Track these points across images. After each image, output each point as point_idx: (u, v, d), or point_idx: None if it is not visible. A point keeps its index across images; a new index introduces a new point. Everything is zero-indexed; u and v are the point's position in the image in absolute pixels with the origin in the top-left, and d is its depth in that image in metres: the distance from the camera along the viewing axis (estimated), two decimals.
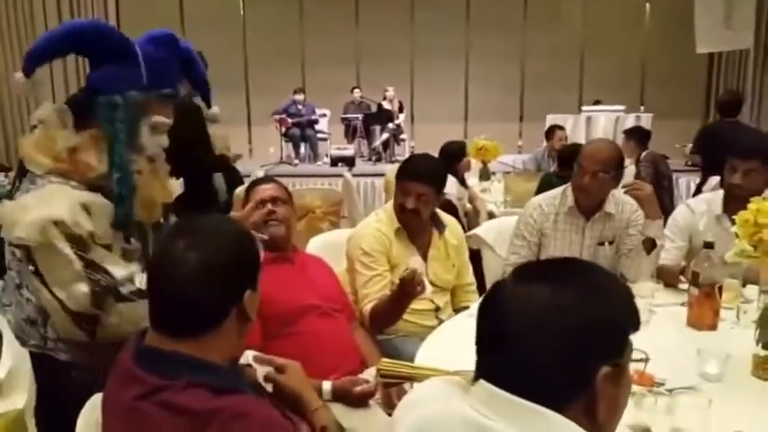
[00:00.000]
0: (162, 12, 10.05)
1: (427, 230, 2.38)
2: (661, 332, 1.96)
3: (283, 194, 2.11)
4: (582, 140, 8.00)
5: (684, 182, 6.71)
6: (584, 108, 8.40)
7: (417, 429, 0.84)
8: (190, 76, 1.74)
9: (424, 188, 2.25)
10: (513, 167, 6.86)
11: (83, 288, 1.41)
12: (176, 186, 1.89)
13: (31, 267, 1.45)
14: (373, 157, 8.63)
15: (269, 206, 2.04)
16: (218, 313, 1.05)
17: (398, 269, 2.25)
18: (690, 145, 5.73)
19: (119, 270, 1.46)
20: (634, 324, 0.85)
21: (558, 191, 2.54)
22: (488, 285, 2.66)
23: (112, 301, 1.45)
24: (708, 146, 5.18)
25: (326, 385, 1.75)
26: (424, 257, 2.32)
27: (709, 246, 2.00)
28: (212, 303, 1.04)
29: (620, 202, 2.47)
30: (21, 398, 1.58)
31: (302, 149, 8.73)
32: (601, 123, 7.84)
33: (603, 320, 0.81)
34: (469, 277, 2.53)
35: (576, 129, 7.77)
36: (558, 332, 0.78)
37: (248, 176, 5.41)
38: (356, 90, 9.38)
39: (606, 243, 2.46)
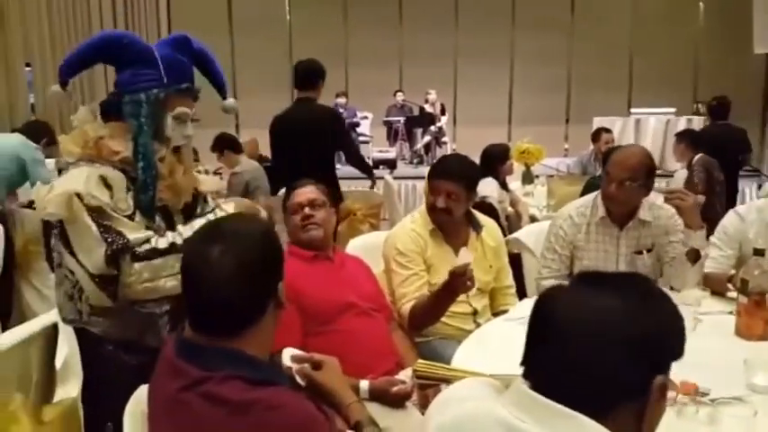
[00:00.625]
0: (211, 16, 10.29)
1: (463, 231, 2.37)
2: (707, 341, 1.89)
3: (321, 197, 2.13)
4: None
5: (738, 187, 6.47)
6: (633, 110, 8.21)
7: (451, 427, 0.84)
8: (206, 71, 1.85)
9: (454, 186, 2.25)
10: (557, 171, 6.75)
11: (100, 250, 1.53)
12: (210, 180, 1.96)
13: (62, 241, 1.59)
14: (415, 160, 8.64)
15: (306, 210, 2.07)
16: (256, 310, 1.09)
17: (434, 270, 2.25)
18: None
19: (133, 234, 1.56)
20: (680, 345, 0.86)
21: (588, 199, 2.47)
22: (528, 289, 2.67)
23: (128, 261, 1.54)
24: (708, 149, 5.09)
25: (364, 384, 1.76)
26: None
27: (759, 253, 1.94)
28: (250, 302, 1.08)
29: (655, 207, 2.38)
30: (74, 386, 1.66)
31: None
32: (650, 126, 7.64)
33: (662, 332, 0.82)
34: (508, 280, 2.50)
35: (624, 131, 7.61)
36: (618, 340, 0.79)
37: None
38: (399, 93, 9.41)
39: (644, 252, 2.37)
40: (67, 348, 1.64)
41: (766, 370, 1.56)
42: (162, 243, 1.59)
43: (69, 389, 1.76)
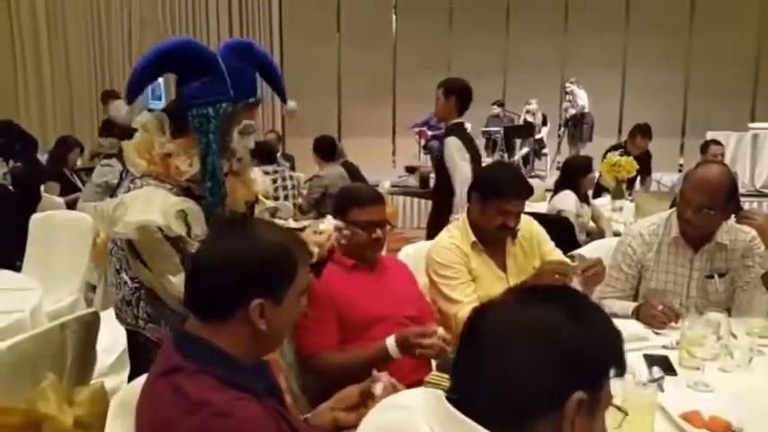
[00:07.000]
0: (320, 25, 10.63)
1: (501, 239, 2.29)
2: (759, 375, 1.75)
3: (386, 213, 2.10)
4: (746, 161, 7.21)
5: None
6: (750, 125, 7.52)
7: None
8: (268, 77, 1.85)
9: (523, 204, 2.21)
10: (667, 187, 6.33)
11: (179, 278, 1.54)
12: (261, 180, 1.98)
13: (130, 253, 1.63)
14: None
15: (378, 232, 2.01)
16: (221, 306, 1.09)
17: (479, 282, 2.20)
18: None
19: None
20: (617, 363, 0.83)
21: (661, 217, 2.31)
22: None
23: None
24: None
25: (390, 339, 1.77)
26: (503, 269, 2.27)
27: None
28: (215, 294, 1.10)
29: (734, 230, 2.20)
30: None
31: None
32: None
33: (585, 348, 0.80)
34: (561, 257, 2.33)
35: (739, 148, 7.00)
36: (538, 350, 0.79)
37: (377, 186, 5.58)
38: (498, 105, 9.25)
39: (716, 276, 2.20)
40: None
41: None
42: None
43: (123, 377, 1.89)
